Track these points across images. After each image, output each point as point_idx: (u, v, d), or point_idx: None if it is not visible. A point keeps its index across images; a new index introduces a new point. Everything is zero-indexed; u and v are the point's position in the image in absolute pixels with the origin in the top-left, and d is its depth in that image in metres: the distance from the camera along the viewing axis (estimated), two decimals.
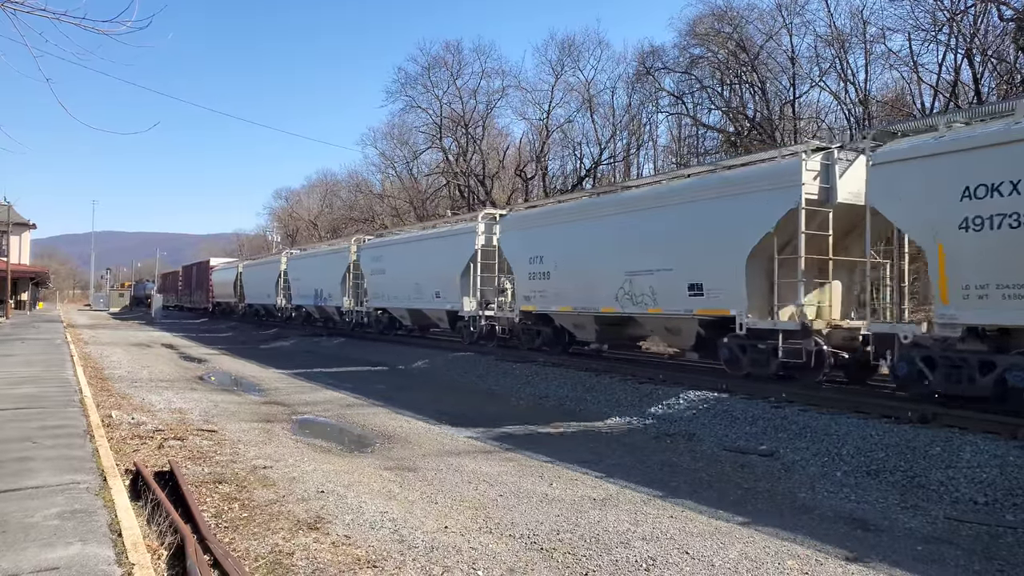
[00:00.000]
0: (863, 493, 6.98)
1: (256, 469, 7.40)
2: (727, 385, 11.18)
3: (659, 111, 39.45)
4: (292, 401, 12.89)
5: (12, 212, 47.67)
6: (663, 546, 5.37)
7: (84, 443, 7.26)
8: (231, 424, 10.18)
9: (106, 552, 4.26)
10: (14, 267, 44.34)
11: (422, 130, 48.05)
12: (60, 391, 11.04)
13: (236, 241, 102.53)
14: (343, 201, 64.89)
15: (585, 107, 40.91)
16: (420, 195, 49.04)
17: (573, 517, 6.06)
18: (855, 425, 8.54)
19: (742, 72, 32.05)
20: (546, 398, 12.80)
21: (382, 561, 4.91)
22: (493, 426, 10.35)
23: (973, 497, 6.65)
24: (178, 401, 12.19)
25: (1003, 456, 7.02)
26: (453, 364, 17.31)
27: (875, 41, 26.62)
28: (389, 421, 10.77)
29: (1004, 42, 22.91)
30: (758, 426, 9.31)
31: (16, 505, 5.12)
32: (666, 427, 10.09)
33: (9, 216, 46.05)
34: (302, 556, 4.93)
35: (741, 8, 31.25)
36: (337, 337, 26.69)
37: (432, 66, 44.96)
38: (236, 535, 5.34)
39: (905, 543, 5.59)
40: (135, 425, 9.36)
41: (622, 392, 11.94)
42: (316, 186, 75.42)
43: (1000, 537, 5.74)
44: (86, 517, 4.89)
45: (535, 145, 43.18)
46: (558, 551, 5.24)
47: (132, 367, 17.80)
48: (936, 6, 23.58)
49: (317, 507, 6.10)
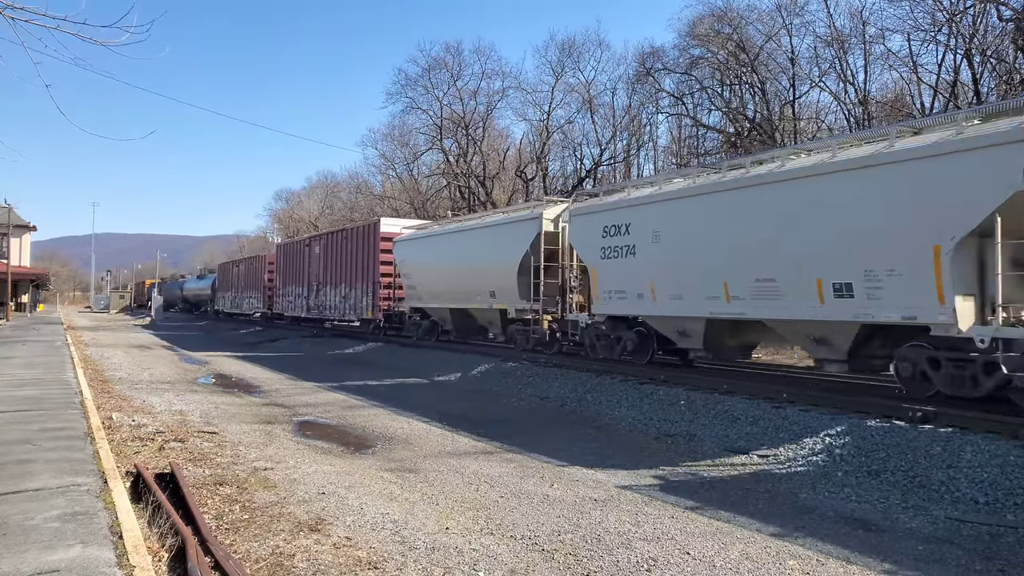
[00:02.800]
0: (864, 493, 6.98)
1: (257, 471, 7.40)
2: (728, 385, 11.18)
3: (659, 112, 39.48)
4: (292, 403, 12.89)
5: (13, 214, 47.73)
6: (664, 547, 5.37)
7: (85, 445, 7.26)
8: (232, 426, 10.18)
9: (107, 554, 4.26)
10: (15, 269, 44.35)
11: (422, 131, 48.09)
12: (61, 393, 11.04)
13: (237, 243, 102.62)
14: (343, 202, 64.95)
15: (585, 108, 40.94)
16: (421, 196, 49.04)
17: (574, 518, 6.06)
18: (856, 425, 8.53)
19: (742, 73, 32.06)
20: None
21: (383, 562, 4.91)
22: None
23: (974, 497, 6.64)
24: (178, 403, 12.20)
25: (1004, 456, 7.01)
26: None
27: (874, 42, 26.64)
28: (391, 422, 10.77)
29: (1003, 42, 22.91)
30: (759, 426, 9.31)
31: (17, 507, 5.11)
32: (667, 428, 10.09)
33: (10, 218, 46.11)
34: (303, 558, 4.93)
35: (741, 9, 31.27)
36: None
37: (432, 67, 44.99)
38: (237, 537, 5.34)
39: (906, 543, 5.59)
40: (136, 427, 9.36)
41: (623, 392, 11.94)
42: (316, 187, 75.55)
43: (1001, 537, 5.73)
44: (87, 519, 4.89)
45: (535, 146, 43.21)
46: (559, 552, 5.24)
47: (132, 369, 17.81)
48: (935, 7, 23.59)
49: (318, 508, 6.11)
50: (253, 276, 40.41)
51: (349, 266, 26.55)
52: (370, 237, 24.98)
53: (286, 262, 34.27)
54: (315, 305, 30.03)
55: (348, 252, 26.69)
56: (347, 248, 26.87)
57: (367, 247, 25.04)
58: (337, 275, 27.66)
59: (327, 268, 28.82)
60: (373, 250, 24.50)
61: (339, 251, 27.74)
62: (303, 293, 31.61)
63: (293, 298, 33.03)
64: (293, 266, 33.11)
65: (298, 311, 32.21)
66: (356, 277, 25.76)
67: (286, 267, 34.19)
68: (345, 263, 26.94)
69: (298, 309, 32.17)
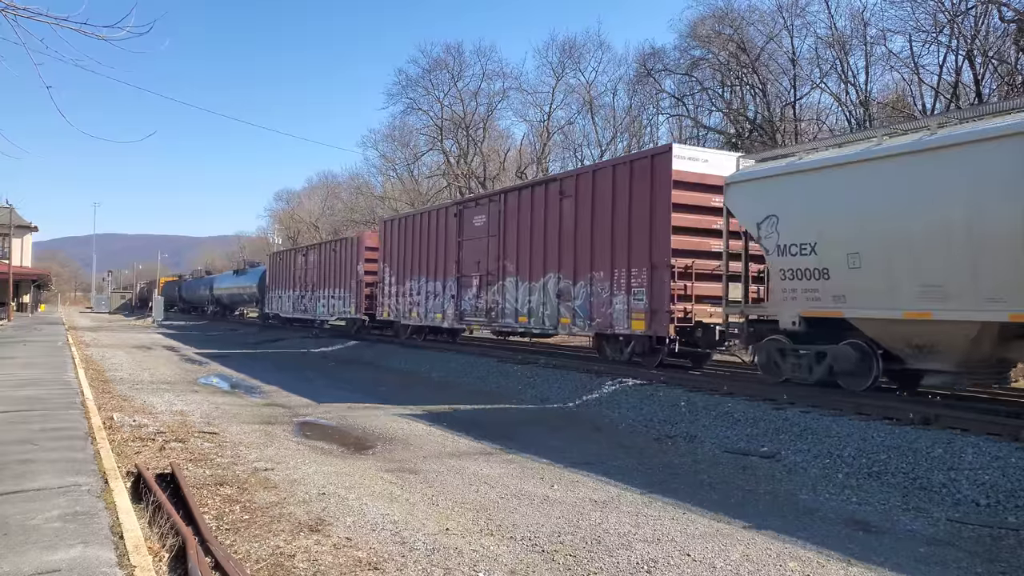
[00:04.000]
0: (865, 495, 6.97)
1: (257, 471, 7.40)
2: (728, 387, 11.18)
3: (660, 113, 39.49)
4: (292, 404, 12.89)
5: (14, 215, 47.80)
6: (664, 548, 5.37)
7: (86, 445, 7.27)
8: (232, 426, 10.18)
9: (108, 554, 4.26)
10: (16, 269, 44.40)
11: (423, 132, 48.11)
12: (62, 393, 11.05)
13: (238, 243, 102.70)
14: (344, 203, 64.95)
15: (586, 109, 40.96)
16: (421, 197, 49.06)
17: (574, 519, 6.05)
18: (856, 427, 8.53)
19: (743, 74, 32.05)
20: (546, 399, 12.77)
21: (383, 563, 4.91)
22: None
23: (975, 499, 6.64)
24: (179, 403, 12.21)
25: (1005, 458, 7.01)
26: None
27: (876, 43, 26.62)
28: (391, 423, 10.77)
29: (1005, 43, 22.89)
30: (759, 428, 9.30)
31: (18, 507, 5.12)
32: (667, 429, 10.09)
33: (11, 219, 46.17)
34: (303, 558, 4.93)
35: (742, 10, 31.28)
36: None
37: (433, 68, 45.01)
38: (237, 537, 5.34)
39: (907, 545, 5.59)
40: (136, 427, 9.37)
41: (623, 394, 11.94)
42: (317, 188, 75.57)
43: (1002, 539, 5.73)
44: (88, 519, 4.89)
45: (536, 147, 43.24)
46: (559, 553, 5.23)
47: (134, 369, 17.82)
48: (937, 7, 23.57)
49: (318, 509, 6.11)
50: (337, 266, 28.04)
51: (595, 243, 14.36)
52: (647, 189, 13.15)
53: (404, 242, 22.60)
54: (483, 308, 18.05)
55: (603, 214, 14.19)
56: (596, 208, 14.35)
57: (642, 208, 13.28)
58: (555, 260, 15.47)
59: (518, 249, 16.79)
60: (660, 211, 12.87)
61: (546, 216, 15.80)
62: (452, 291, 19.59)
63: (422, 298, 21.30)
64: (423, 249, 21.31)
65: (447, 318, 20.01)
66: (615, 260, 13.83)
67: (404, 251, 22.54)
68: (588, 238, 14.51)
69: (449, 315, 19.79)
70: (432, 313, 20.67)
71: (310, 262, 31.02)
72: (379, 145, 53.63)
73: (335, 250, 28.42)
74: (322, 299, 29.28)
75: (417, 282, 21.60)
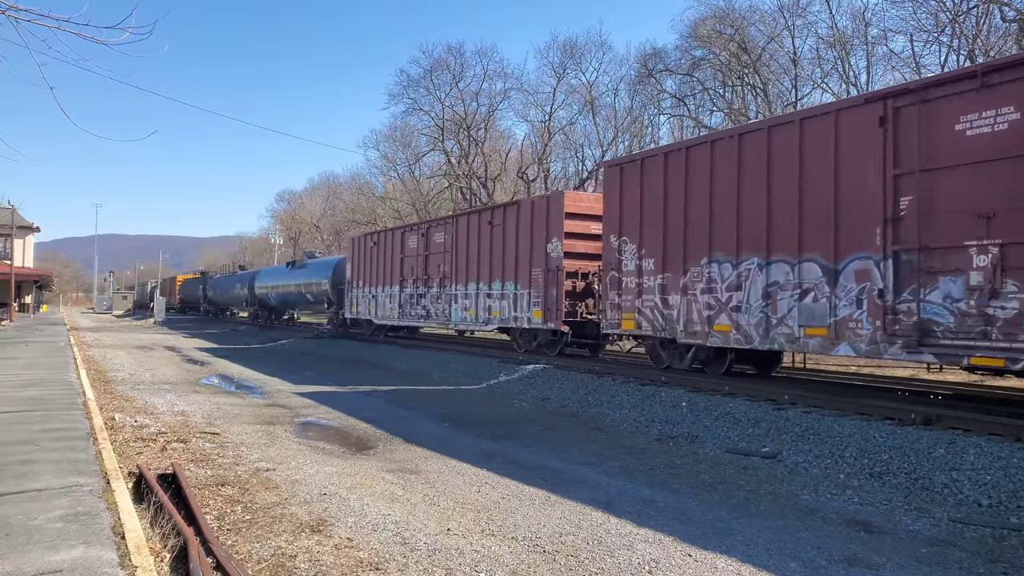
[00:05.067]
0: (866, 495, 6.97)
1: (259, 471, 7.41)
2: (729, 387, 11.17)
3: (661, 113, 39.55)
4: (294, 405, 12.90)
5: (16, 215, 47.88)
6: (666, 549, 5.37)
7: (87, 446, 7.28)
8: (234, 427, 10.19)
9: (109, 555, 4.27)
10: (18, 270, 44.46)
11: (424, 132, 48.19)
12: (64, 394, 11.06)
13: (239, 244, 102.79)
14: (345, 204, 65.03)
15: (587, 109, 41.02)
16: (422, 197, 49.11)
17: (576, 519, 6.05)
18: (858, 427, 8.52)
19: (744, 74, 32.06)
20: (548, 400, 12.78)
21: (385, 563, 4.91)
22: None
23: (977, 499, 6.63)
24: (180, 404, 12.21)
25: (1007, 458, 7.00)
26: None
27: (877, 43, 26.66)
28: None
29: (1006, 43, 22.87)
30: (761, 428, 9.30)
31: (20, 507, 5.12)
32: (668, 429, 10.08)
33: (13, 219, 46.27)
34: (305, 559, 4.94)
35: (743, 10, 31.32)
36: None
37: (434, 68, 45.09)
38: (239, 537, 5.35)
39: (909, 545, 5.58)
40: (138, 428, 9.38)
41: (624, 394, 11.93)
42: (318, 188, 75.73)
43: (1004, 539, 5.72)
44: (89, 520, 4.90)
45: (537, 147, 43.27)
46: (561, 553, 5.23)
47: (135, 369, 17.83)
48: (938, 7, 23.57)
49: (320, 509, 6.11)
50: (496, 246, 18.01)
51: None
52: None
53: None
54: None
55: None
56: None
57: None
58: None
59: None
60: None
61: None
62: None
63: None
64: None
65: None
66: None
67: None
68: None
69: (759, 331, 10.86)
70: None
71: (433, 244, 21.00)
72: (380, 145, 53.77)
73: (493, 222, 18.27)
74: (460, 298, 19.46)
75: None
